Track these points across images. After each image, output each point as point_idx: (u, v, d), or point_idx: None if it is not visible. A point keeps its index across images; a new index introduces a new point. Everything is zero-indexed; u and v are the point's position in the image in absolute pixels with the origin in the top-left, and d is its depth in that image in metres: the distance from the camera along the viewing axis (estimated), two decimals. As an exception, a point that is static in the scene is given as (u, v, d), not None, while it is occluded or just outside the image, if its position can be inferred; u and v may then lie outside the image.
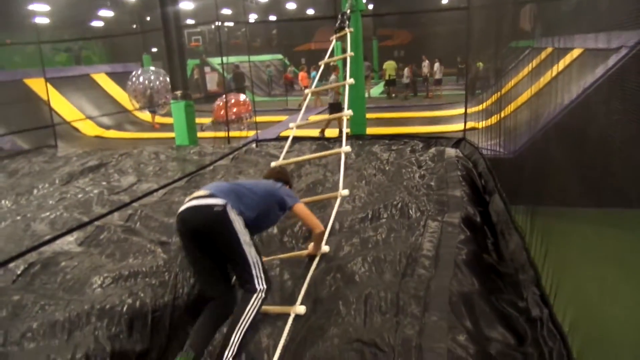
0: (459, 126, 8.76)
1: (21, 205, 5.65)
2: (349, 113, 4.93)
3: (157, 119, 13.83)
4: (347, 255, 3.47)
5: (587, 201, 5.93)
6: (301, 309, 2.74)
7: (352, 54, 5.56)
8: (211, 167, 6.89)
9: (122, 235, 4.25)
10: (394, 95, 17.60)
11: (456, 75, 19.83)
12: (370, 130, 9.21)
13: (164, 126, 13.13)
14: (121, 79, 14.05)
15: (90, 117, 12.62)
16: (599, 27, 7.33)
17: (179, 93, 8.85)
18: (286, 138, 8.29)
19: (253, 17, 25.57)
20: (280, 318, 2.75)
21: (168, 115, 13.58)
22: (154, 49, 18.91)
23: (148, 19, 20.20)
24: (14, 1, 15.34)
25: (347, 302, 2.70)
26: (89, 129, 12.79)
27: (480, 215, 4.46)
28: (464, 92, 9.42)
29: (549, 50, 8.00)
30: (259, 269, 2.50)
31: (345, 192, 4.04)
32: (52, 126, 10.29)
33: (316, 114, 13.05)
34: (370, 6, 22.21)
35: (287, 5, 26.27)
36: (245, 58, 16.15)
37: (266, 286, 2.51)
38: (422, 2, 20.67)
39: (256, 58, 22.09)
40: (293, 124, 5.25)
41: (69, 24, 17.92)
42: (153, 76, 12.96)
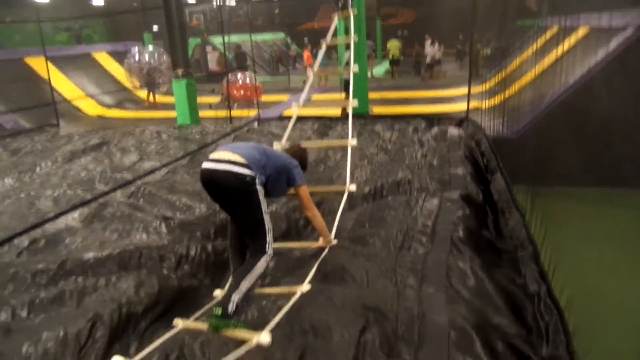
0: (463, 106, 8.71)
1: (24, 183, 5.69)
2: (354, 103, 4.90)
3: (157, 98, 13.80)
4: (348, 231, 3.50)
5: (587, 181, 5.95)
6: (307, 287, 2.77)
7: (356, 38, 5.45)
8: (213, 146, 6.90)
9: (126, 211, 4.29)
10: (397, 75, 17.46)
11: (455, 55, 19.46)
12: (374, 110, 9.17)
13: (163, 105, 13.10)
14: (122, 57, 13.96)
15: (90, 96, 12.59)
16: (605, 6, 7.25)
17: (180, 71, 8.80)
18: (288, 118, 8.28)
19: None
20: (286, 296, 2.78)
21: (169, 94, 13.59)
22: (155, 27, 18.72)
23: (149, -4, 19.95)
24: (14, -22, 15.15)
25: (349, 275, 2.74)
26: (90, 108, 12.77)
27: (482, 193, 4.48)
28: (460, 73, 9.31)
29: (554, 30, 7.91)
30: (271, 235, 2.76)
31: (353, 187, 4.00)
32: (53, 104, 10.26)
33: (320, 94, 12.99)
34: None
35: (289, -17, 25.89)
36: (247, 37, 16.00)
37: (272, 253, 2.76)
38: (427, -22, 20.33)
39: (258, 37, 21.88)
40: (296, 103, 5.23)
41: (69, 2, 17.72)
42: (150, 55, 12.89)
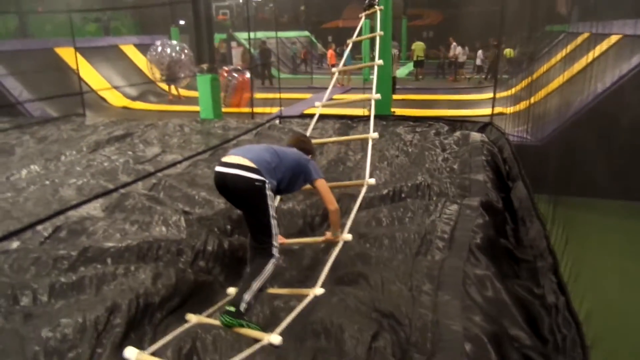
0: (487, 111, 8.59)
1: (50, 171, 5.82)
2: (377, 96, 4.88)
3: (181, 91, 13.97)
4: (364, 233, 3.49)
5: (613, 192, 5.81)
6: (320, 290, 2.75)
7: (381, 33, 5.45)
8: (234, 142, 6.95)
9: (146, 203, 4.36)
10: (420, 77, 17.32)
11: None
12: (396, 112, 9.11)
13: (186, 99, 13.25)
14: (149, 50, 14.17)
15: (115, 87, 12.79)
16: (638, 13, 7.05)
17: (205, 66, 8.88)
18: (310, 116, 8.27)
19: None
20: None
21: (192, 88, 13.75)
22: (182, 21, 18.93)
23: (177, -9, 20.18)
24: (46, -30, 15.49)
25: (364, 278, 2.73)
26: (116, 99, 12.99)
27: (502, 200, 4.41)
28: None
29: (585, 36, 7.73)
30: (276, 240, 2.82)
31: (372, 180, 3.98)
32: (81, 94, 10.46)
33: (342, 93, 12.97)
34: (402, -16, 21.74)
35: (316, -19, 25.90)
36: (272, 34, 16.07)
37: (279, 256, 2.83)
38: (455, -19, 20.09)
39: (283, 34, 21.95)
40: (319, 102, 5.23)
41: (99, -7, 18.06)
42: (172, 49, 13.05)
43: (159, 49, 13.08)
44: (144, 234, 3.67)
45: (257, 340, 2.29)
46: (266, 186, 2.74)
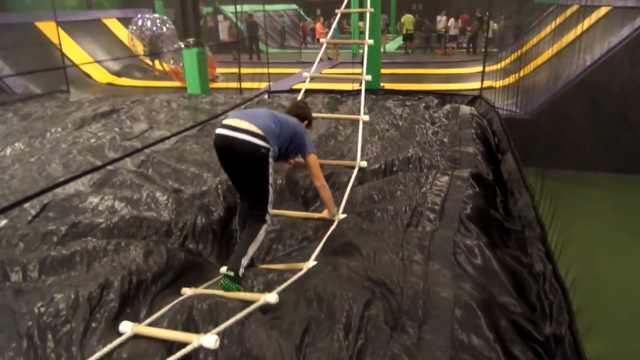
0: (476, 84, 8.58)
1: (35, 148, 5.73)
2: (367, 78, 4.83)
3: (165, 66, 13.72)
4: (357, 206, 3.51)
5: (602, 165, 5.87)
6: (313, 264, 2.77)
7: (372, 10, 5.35)
8: (223, 117, 6.88)
9: (135, 180, 4.32)
10: (410, 51, 17.20)
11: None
12: (385, 86, 9.06)
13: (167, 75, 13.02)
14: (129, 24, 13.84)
15: (99, 62, 12.51)
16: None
17: (191, 40, 8.71)
18: (298, 90, 8.19)
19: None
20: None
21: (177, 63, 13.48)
22: (167, -5, 18.45)
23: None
24: (24, -60, 14.91)
25: (356, 249, 2.75)
26: (100, 75, 12.74)
27: (492, 173, 4.45)
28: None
29: (574, 8, 7.69)
30: (271, 208, 2.90)
31: (364, 163, 3.98)
32: (63, 68, 10.22)
33: (331, 68, 12.84)
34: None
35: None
36: (260, 7, 15.74)
37: (270, 222, 2.96)
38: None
39: (270, 7, 21.53)
40: (307, 73, 5.17)
41: (80, -34, 17.49)
42: (154, 22, 12.75)
43: (139, 23, 12.77)
44: (133, 212, 3.64)
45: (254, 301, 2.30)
46: (270, 153, 2.78)
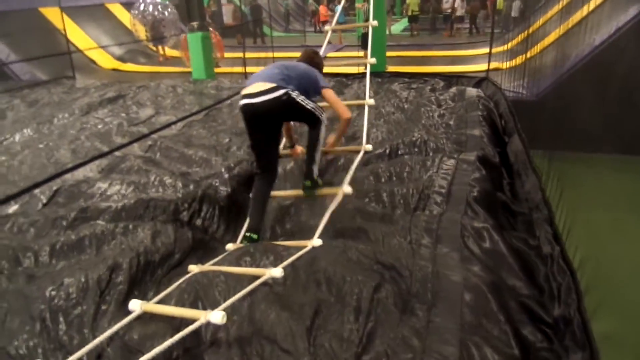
0: (483, 66, 8.50)
1: (43, 134, 5.76)
2: (372, 61, 4.80)
3: (168, 51, 13.67)
4: (363, 190, 3.52)
5: (609, 147, 5.83)
6: (318, 241, 2.79)
7: None
8: (229, 102, 6.87)
9: (142, 165, 4.34)
10: (415, 32, 17.00)
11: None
12: (390, 69, 9.00)
13: (174, 59, 12.98)
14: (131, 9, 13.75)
15: (102, 47, 12.47)
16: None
17: (195, 24, 8.65)
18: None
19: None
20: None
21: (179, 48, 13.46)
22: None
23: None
24: None
25: (363, 232, 2.77)
26: (105, 61, 12.71)
27: (498, 155, 4.43)
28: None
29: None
30: (320, 109, 3.21)
31: (369, 147, 3.97)
32: (69, 53, 10.21)
33: (336, 51, 12.74)
34: None
35: None
36: (263, -10, 15.63)
37: (325, 117, 3.27)
38: None
39: (274, -10, 21.30)
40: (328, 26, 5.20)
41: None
42: (155, 7, 12.68)
43: (142, 7, 12.70)
44: (141, 195, 3.68)
45: (261, 275, 2.33)
46: (290, 94, 3.04)
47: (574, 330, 2.16)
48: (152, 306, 2.28)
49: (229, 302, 2.13)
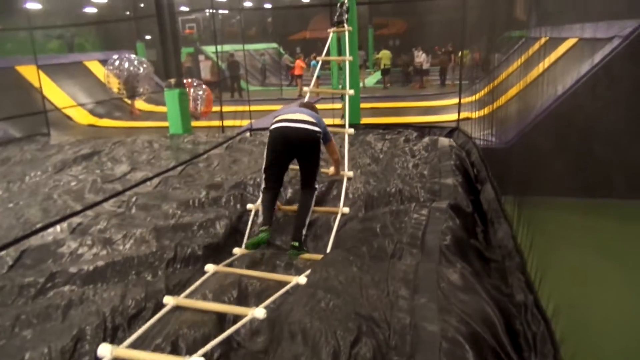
0: (453, 116, 8.79)
1: (13, 193, 5.65)
2: (351, 92, 5.05)
3: (142, 105, 13.85)
4: (340, 241, 3.53)
5: (575, 191, 6.02)
6: (303, 280, 2.87)
7: (350, 58, 5.39)
8: (205, 156, 6.90)
9: (115, 222, 4.27)
10: (388, 85, 17.60)
11: (438, 66, 19.28)
12: (364, 120, 9.23)
13: (150, 114, 13.11)
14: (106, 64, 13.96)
15: (79, 104, 12.52)
16: (592, 17, 7.36)
17: (172, 81, 8.81)
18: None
19: (248, 5, 25.32)
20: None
21: (154, 102, 13.68)
22: (148, 36, 18.72)
23: (142, 5, 19.96)
24: (5, -14, 15.08)
25: (340, 283, 2.74)
26: (82, 117, 12.72)
27: (471, 203, 4.52)
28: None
29: (542, 41, 8.03)
30: (319, 176, 3.73)
31: (346, 209, 4.03)
32: (44, 112, 10.20)
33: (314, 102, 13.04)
34: (366, -6, 21.96)
35: (282, -7, 26.04)
36: (240, 47, 16.06)
37: (318, 187, 3.79)
38: (418, -10, 20.39)
39: (251, 47, 21.96)
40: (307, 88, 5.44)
41: (61, 10, 17.71)
42: (131, 63, 12.93)
43: (117, 63, 12.93)
44: (114, 254, 3.60)
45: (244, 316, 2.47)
46: (321, 136, 3.53)
47: (552, 381, 2.14)
48: (123, 351, 2.20)
49: (209, 347, 2.17)
